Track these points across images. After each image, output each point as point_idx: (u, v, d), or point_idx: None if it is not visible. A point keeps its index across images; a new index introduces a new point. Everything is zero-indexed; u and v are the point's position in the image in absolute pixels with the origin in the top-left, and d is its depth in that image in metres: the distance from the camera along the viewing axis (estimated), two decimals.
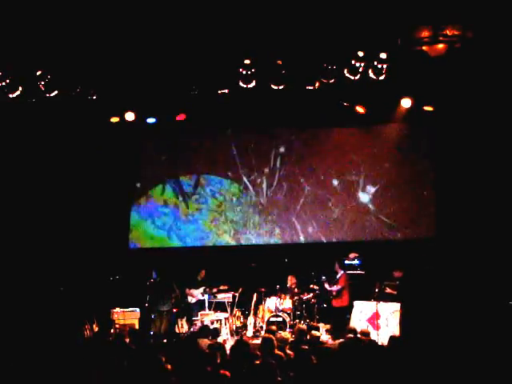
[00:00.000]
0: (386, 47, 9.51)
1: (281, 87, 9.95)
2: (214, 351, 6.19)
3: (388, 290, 10.35)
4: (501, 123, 10.84)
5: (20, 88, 9.67)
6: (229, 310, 11.17)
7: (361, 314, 10.26)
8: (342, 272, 10.96)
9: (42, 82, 9.66)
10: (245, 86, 9.82)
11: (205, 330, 8.16)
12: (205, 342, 7.22)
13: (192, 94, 10.42)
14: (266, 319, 10.85)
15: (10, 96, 9.70)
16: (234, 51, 9.56)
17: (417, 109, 11.31)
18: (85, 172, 11.77)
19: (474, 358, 6.73)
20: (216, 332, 8.92)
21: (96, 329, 10.31)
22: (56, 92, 9.80)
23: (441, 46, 9.02)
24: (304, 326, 9.09)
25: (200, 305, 11.26)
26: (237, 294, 11.37)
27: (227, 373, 5.40)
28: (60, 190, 11.57)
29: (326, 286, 10.95)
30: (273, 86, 9.95)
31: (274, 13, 8.76)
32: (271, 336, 6.66)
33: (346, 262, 11.30)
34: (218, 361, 6.03)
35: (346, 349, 6.71)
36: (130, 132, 11.98)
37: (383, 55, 9.53)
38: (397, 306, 10.05)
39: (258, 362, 5.61)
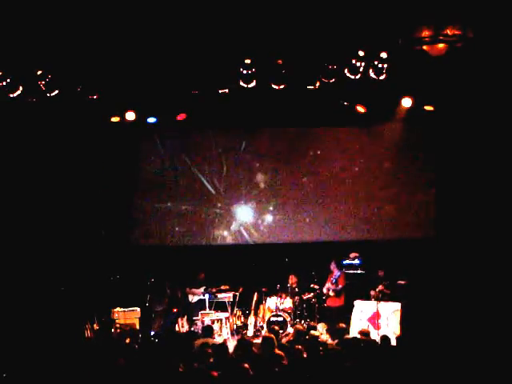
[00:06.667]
0: (387, 47, 9.51)
1: (281, 87, 9.95)
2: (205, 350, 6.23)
3: (384, 291, 10.37)
4: (501, 123, 10.83)
5: (20, 88, 9.65)
6: (229, 310, 11.18)
7: (361, 314, 10.26)
8: (340, 272, 10.94)
9: (43, 82, 9.65)
10: (245, 85, 9.81)
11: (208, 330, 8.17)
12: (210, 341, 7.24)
13: (192, 94, 10.42)
14: (266, 319, 10.86)
15: (11, 96, 9.69)
16: (234, 51, 9.56)
17: (417, 108, 11.30)
18: (85, 171, 11.76)
19: (474, 358, 6.74)
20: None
21: (96, 328, 10.30)
22: (56, 92, 9.79)
23: (441, 45, 9.01)
24: (302, 326, 9.10)
25: (200, 304, 11.27)
26: (237, 294, 11.38)
27: (215, 373, 5.42)
28: (60, 189, 11.56)
29: (325, 288, 10.94)
30: (273, 86, 9.95)
31: (274, 12, 8.76)
32: (272, 335, 6.68)
33: (347, 261, 11.29)
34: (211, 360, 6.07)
35: (345, 348, 6.74)
36: (130, 131, 11.98)
37: (384, 55, 9.51)
38: (397, 305, 10.06)
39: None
